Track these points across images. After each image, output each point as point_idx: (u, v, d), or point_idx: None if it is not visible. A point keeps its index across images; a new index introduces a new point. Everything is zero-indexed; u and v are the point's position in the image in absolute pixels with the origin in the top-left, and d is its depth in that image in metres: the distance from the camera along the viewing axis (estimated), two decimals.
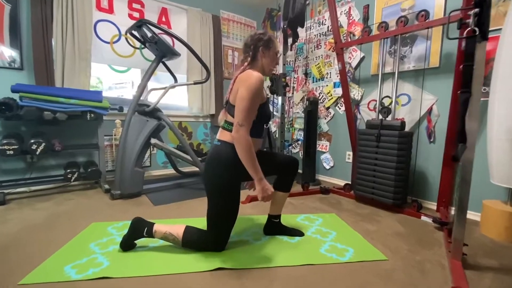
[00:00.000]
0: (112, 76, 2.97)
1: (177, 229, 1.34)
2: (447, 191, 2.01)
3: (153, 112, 2.32)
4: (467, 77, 1.06)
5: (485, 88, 1.80)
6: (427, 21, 1.82)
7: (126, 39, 2.74)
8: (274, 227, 1.56)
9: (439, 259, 1.34)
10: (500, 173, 1.56)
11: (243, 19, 3.73)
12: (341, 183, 2.81)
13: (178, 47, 2.60)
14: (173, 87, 2.35)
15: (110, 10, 2.72)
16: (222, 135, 1.31)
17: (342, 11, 2.69)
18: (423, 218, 1.87)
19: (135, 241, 1.38)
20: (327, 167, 2.99)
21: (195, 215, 1.86)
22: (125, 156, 2.17)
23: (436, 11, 2.01)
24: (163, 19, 3.06)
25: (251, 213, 1.93)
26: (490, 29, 1.19)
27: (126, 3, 2.80)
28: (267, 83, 2.76)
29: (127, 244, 1.36)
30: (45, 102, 2.11)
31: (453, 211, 2.03)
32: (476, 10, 1.01)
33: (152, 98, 2.57)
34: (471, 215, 1.87)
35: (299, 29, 2.46)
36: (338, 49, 2.37)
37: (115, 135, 2.66)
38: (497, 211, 1.59)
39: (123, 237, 1.36)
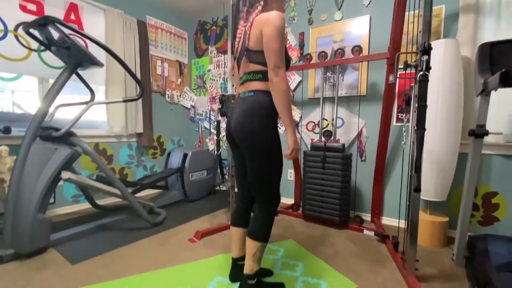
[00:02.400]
0: None
1: (248, 246, 1.20)
2: (379, 204, 2.28)
3: (65, 137, 1.77)
4: (421, 115, 1.19)
5: (402, 115, 2.16)
6: (365, 55, 2.04)
7: (16, 37, 2.06)
8: (242, 272, 1.38)
9: (396, 276, 1.46)
10: (422, 188, 1.86)
11: (173, 28, 3.41)
12: (286, 200, 2.85)
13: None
14: (93, 104, 1.86)
15: None
16: (252, 86, 1.18)
17: None
18: (366, 232, 2.05)
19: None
20: None
21: (142, 267, 1.48)
22: (21, 200, 1.57)
23: (363, 45, 2.29)
24: (72, 16, 2.45)
25: (207, 255, 1.68)
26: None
27: None
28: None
29: None
30: None
31: (384, 220, 2.32)
32: (426, 57, 1.16)
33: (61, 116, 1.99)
34: (402, 223, 2.16)
35: None
36: None
37: None
38: (422, 221, 1.88)
39: None
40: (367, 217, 2.37)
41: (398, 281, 1.41)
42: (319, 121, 2.47)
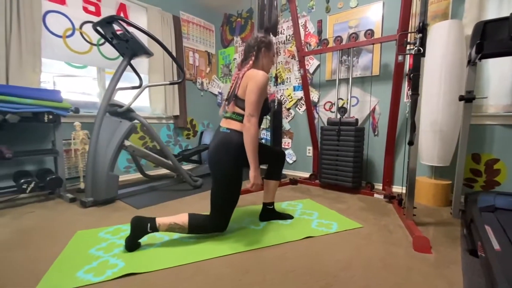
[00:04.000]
0: (68, 72, 2.66)
1: (181, 218, 1.40)
2: (389, 173, 2.53)
3: (126, 113, 2.22)
4: (415, 83, 1.46)
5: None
6: (376, 37, 2.28)
7: (81, 34, 2.53)
8: (268, 213, 1.75)
9: (397, 222, 1.75)
10: (427, 155, 2.10)
11: (202, 21, 3.79)
12: (304, 175, 3.17)
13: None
14: (147, 86, 2.29)
15: (62, 1, 2.45)
16: (231, 124, 1.43)
17: (299, 24, 3.04)
18: (376, 195, 2.33)
19: (140, 240, 1.39)
20: (290, 161, 3.32)
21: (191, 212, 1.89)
22: (97, 160, 2.03)
23: (376, 30, 2.51)
24: (121, 15, 2.89)
25: (239, 206, 2.06)
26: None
27: None
28: None
29: (133, 245, 1.36)
30: None
31: (394, 188, 2.57)
32: (420, 35, 1.42)
33: (118, 98, 2.44)
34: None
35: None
36: (300, 57, 2.71)
37: (74, 139, 2.41)
38: (426, 184, 2.13)
39: (127, 239, 1.35)
40: (378, 185, 2.63)
41: (398, 225, 1.70)
42: (335, 101, 2.75)
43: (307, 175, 3.13)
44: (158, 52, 3.11)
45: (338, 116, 2.55)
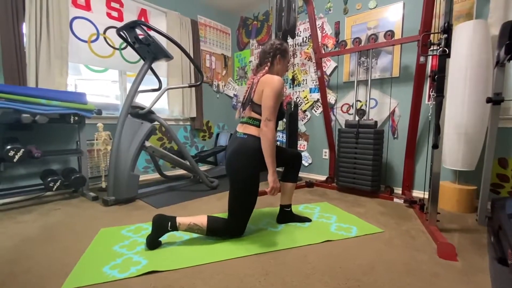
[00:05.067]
0: (89, 75, 2.77)
1: (200, 219, 1.42)
2: (410, 177, 2.46)
3: (147, 115, 2.28)
4: (440, 84, 1.42)
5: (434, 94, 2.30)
6: (396, 38, 2.24)
7: (105, 38, 2.63)
8: (286, 215, 1.74)
9: (419, 227, 1.70)
10: (450, 159, 2.03)
11: (219, 25, 3.85)
12: (320, 178, 3.13)
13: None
14: (167, 89, 2.35)
15: (87, 7, 2.57)
16: (248, 129, 1.44)
17: (316, 25, 3.03)
18: (395, 200, 2.27)
19: (160, 239, 1.42)
20: (306, 164, 3.30)
21: (208, 212, 1.91)
22: (119, 160, 2.10)
23: (396, 31, 2.47)
24: (142, 19, 2.99)
25: (256, 207, 2.06)
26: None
27: (104, 2, 2.67)
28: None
29: (154, 243, 1.39)
30: (23, 103, 1.91)
31: (414, 193, 2.50)
32: (446, 35, 1.38)
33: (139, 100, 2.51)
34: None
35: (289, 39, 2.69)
36: (318, 59, 2.69)
37: (97, 140, 2.50)
38: (450, 189, 2.06)
39: (148, 237, 1.38)
40: (398, 190, 2.57)
41: (420, 230, 1.65)
42: (353, 103, 2.71)
43: (323, 178, 3.09)
44: (177, 55, 3.18)
45: (356, 118, 2.52)
